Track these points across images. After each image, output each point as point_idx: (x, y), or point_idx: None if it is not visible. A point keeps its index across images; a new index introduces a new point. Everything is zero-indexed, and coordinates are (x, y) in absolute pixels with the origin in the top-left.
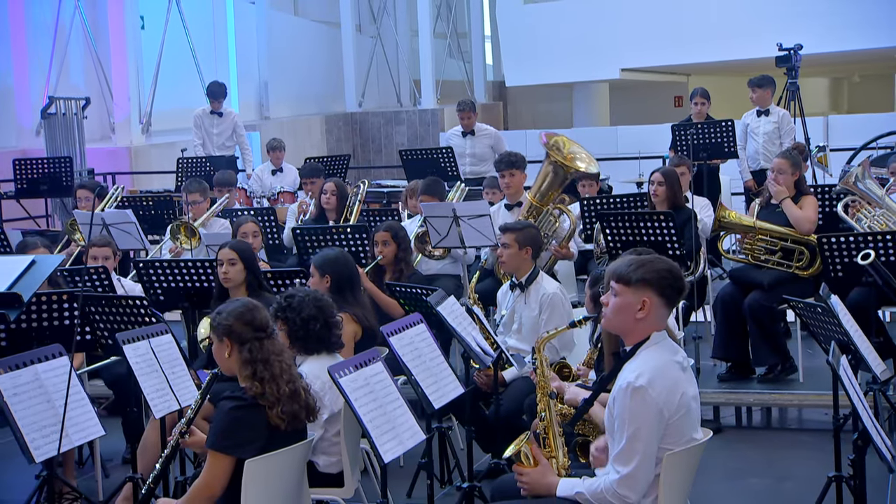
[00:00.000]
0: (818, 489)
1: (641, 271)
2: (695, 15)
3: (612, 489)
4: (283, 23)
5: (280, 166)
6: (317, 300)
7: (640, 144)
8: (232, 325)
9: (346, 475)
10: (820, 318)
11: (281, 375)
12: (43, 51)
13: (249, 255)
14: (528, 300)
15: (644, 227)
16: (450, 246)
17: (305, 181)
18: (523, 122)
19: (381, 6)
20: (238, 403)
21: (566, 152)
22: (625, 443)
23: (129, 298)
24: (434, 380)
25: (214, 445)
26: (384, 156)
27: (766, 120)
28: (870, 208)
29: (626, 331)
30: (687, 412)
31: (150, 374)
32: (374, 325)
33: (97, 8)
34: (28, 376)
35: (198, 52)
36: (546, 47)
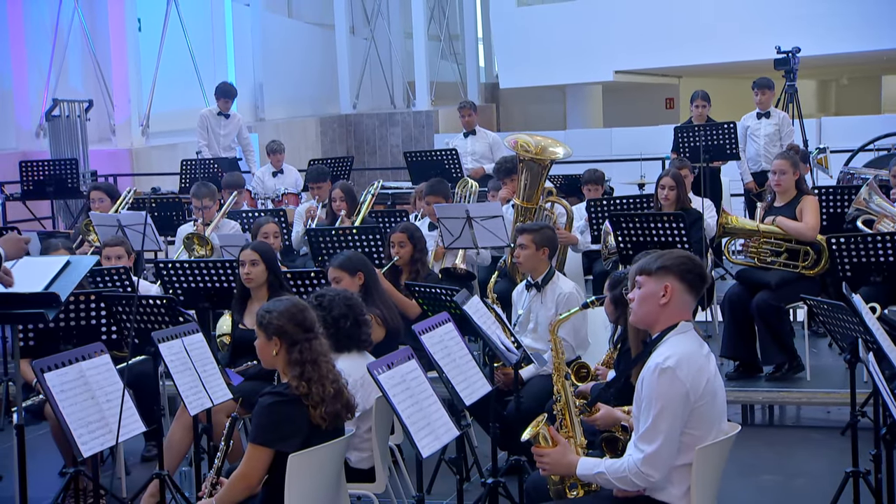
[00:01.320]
0: (830, 485)
1: (661, 260)
2: (687, 17)
3: (636, 468)
4: (278, 25)
5: (280, 168)
6: (347, 299)
7: (634, 146)
8: (284, 326)
9: (378, 471)
10: (837, 317)
11: (327, 376)
12: (42, 53)
13: (271, 255)
14: (545, 300)
15: (655, 229)
16: (462, 247)
17: (312, 185)
18: (515, 123)
19: (374, 8)
20: (279, 399)
21: (534, 148)
22: (650, 422)
23: (157, 298)
24: (464, 377)
25: (256, 439)
26: (378, 157)
27: (767, 122)
28: (889, 222)
29: (653, 320)
30: (713, 399)
31: (183, 371)
32: (398, 325)
33: (95, 11)
34: (73, 374)
35: (196, 55)
36: (540, 49)
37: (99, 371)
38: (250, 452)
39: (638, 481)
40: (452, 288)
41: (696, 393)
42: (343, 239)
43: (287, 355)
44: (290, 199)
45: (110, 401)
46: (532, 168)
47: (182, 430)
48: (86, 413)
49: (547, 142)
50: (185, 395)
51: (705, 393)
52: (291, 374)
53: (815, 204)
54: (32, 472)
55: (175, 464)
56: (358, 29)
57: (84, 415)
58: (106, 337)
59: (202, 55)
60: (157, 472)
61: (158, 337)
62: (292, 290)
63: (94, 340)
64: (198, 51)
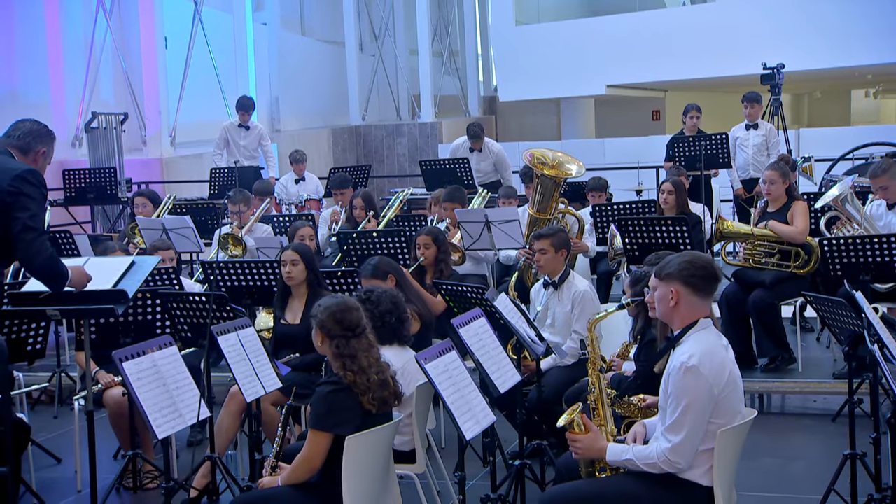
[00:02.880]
0: (825, 467)
1: (667, 268)
2: (674, 35)
3: (664, 456)
4: (292, 42)
5: (302, 176)
6: (393, 297)
7: (625, 155)
8: (325, 322)
9: (418, 453)
10: (837, 312)
11: (370, 367)
12: (77, 69)
13: (310, 256)
14: (562, 297)
15: (659, 232)
16: (481, 248)
17: (335, 191)
18: (512, 134)
19: (381, 27)
20: (334, 388)
21: (551, 162)
22: (677, 415)
23: (209, 295)
24: (497, 367)
25: (316, 425)
26: (386, 166)
27: (756, 133)
28: (850, 227)
29: (669, 318)
30: (734, 388)
31: (239, 362)
32: (431, 319)
33: (126, 30)
34: (147, 363)
35: (219, 70)
36: (536, 65)
37: (169, 361)
38: (311, 437)
39: (666, 467)
40: (478, 286)
41: (719, 386)
42: (368, 241)
43: (329, 349)
44: (313, 205)
45: (179, 388)
46: (547, 183)
47: (230, 416)
48: (159, 399)
49: (564, 158)
50: (242, 383)
51: (727, 384)
52: (336, 365)
53: (805, 209)
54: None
55: (224, 447)
56: (366, 46)
57: (157, 400)
58: (160, 331)
59: (225, 71)
60: (209, 455)
61: (217, 330)
62: (328, 288)
63: (149, 335)
64: (221, 67)
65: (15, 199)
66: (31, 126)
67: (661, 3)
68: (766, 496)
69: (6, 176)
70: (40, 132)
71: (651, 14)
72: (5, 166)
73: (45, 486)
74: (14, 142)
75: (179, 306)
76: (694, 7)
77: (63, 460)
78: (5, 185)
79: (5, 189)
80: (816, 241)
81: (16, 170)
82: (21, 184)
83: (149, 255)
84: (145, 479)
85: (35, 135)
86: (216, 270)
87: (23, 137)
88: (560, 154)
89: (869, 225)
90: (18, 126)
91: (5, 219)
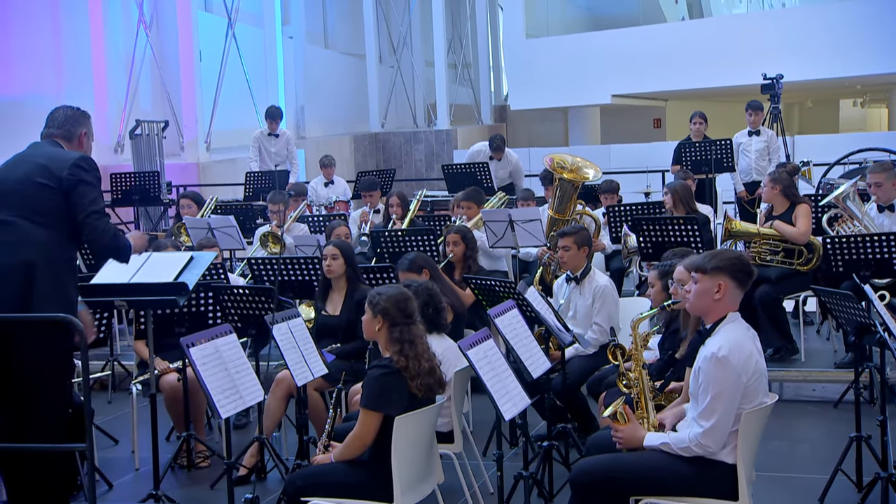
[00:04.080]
0: (830, 449)
1: (715, 260)
2: (675, 48)
3: (697, 440)
4: (316, 55)
5: (331, 179)
6: (429, 290)
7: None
8: (389, 309)
9: (456, 433)
10: (845, 304)
11: (423, 354)
12: (119, 80)
13: (349, 252)
14: (583, 291)
15: (672, 231)
16: (504, 246)
17: (364, 193)
18: (521, 141)
19: (400, 40)
20: (385, 371)
21: (570, 167)
22: (708, 402)
23: (259, 289)
24: (529, 354)
25: (368, 405)
26: (404, 170)
27: (757, 139)
28: (850, 224)
29: (707, 311)
30: (760, 376)
31: (290, 349)
32: (464, 310)
33: (164, 44)
34: (210, 349)
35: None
36: (545, 76)
37: (229, 347)
38: (363, 417)
39: (698, 451)
40: (505, 280)
41: (747, 374)
42: (397, 239)
43: (388, 333)
44: (341, 206)
45: (239, 372)
46: (565, 186)
47: (276, 400)
48: (221, 382)
49: (583, 163)
50: (293, 369)
51: (754, 372)
52: (392, 350)
53: (808, 211)
54: (143, 437)
55: (270, 429)
56: (385, 58)
57: (220, 383)
58: (211, 322)
59: (256, 81)
60: (257, 436)
61: (270, 320)
62: (366, 282)
63: (202, 325)
64: (252, 77)
65: (74, 187)
66: (65, 113)
67: (661, 18)
68: (778, 475)
69: (63, 165)
70: (76, 116)
71: (652, 28)
72: (60, 156)
73: (105, 465)
74: (56, 131)
75: (230, 299)
76: (692, 22)
77: (119, 441)
78: (64, 174)
79: (65, 178)
80: (819, 240)
81: (70, 158)
82: (78, 171)
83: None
84: (197, 458)
85: (73, 120)
86: (261, 266)
87: (63, 126)
88: (578, 159)
89: (869, 222)
90: (54, 116)
91: (69, 204)
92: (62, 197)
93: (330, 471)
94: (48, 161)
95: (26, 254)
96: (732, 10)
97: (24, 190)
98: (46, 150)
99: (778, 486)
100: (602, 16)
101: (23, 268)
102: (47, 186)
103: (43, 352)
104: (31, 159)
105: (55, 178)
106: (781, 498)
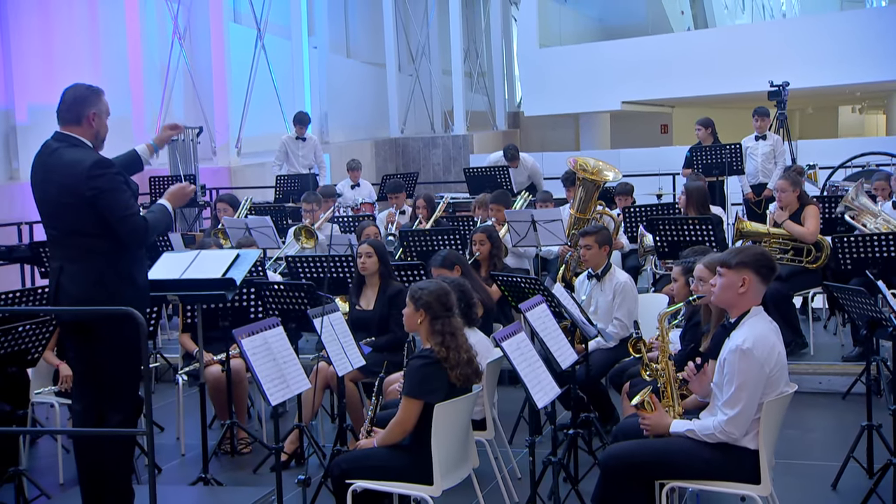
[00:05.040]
0: (839, 437)
1: (740, 256)
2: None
3: (721, 427)
4: (339, 64)
5: (357, 182)
6: (461, 285)
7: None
8: (431, 303)
9: (489, 421)
10: (856, 300)
11: (462, 345)
12: (154, 88)
13: (382, 250)
14: (604, 288)
15: (687, 230)
16: (527, 245)
17: (390, 196)
18: (534, 146)
19: (418, 50)
20: (426, 361)
21: (592, 169)
22: (733, 391)
23: (297, 285)
24: (558, 346)
25: (410, 393)
26: (423, 174)
27: (764, 143)
28: (868, 216)
29: (731, 305)
30: (782, 367)
31: (331, 341)
32: (492, 305)
33: (197, 54)
34: (259, 341)
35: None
36: (558, 83)
37: (276, 339)
38: (405, 404)
39: (723, 437)
40: (531, 277)
41: (770, 366)
42: (424, 238)
43: (430, 326)
44: (367, 208)
45: (286, 362)
46: (588, 186)
47: (315, 390)
48: (270, 371)
49: (604, 165)
50: (334, 360)
51: (776, 364)
52: (434, 342)
53: (816, 212)
54: (190, 424)
55: (309, 417)
56: (404, 67)
57: (269, 373)
58: (253, 316)
59: (283, 89)
60: (297, 424)
61: (313, 314)
62: (397, 279)
63: (244, 320)
64: (280, 86)
65: (96, 202)
66: (72, 94)
67: (668, 29)
68: (792, 462)
69: (79, 181)
70: (83, 96)
71: (659, 38)
72: (73, 169)
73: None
74: (66, 117)
75: (271, 294)
76: (697, 32)
77: (165, 429)
78: (84, 189)
79: (87, 196)
80: (828, 240)
81: (83, 170)
82: (93, 182)
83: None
84: (240, 444)
85: (80, 101)
86: (298, 263)
87: (70, 109)
88: (600, 162)
89: (888, 217)
90: (64, 99)
91: (97, 212)
92: (94, 209)
93: (372, 455)
94: (66, 178)
95: (90, 261)
96: (735, 20)
97: (63, 214)
98: (61, 160)
99: (792, 472)
100: (612, 26)
101: (95, 273)
102: (78, 205)
103: (117, 343)
104: (53, 177)
105: (78, 195)
106: (796, 483)
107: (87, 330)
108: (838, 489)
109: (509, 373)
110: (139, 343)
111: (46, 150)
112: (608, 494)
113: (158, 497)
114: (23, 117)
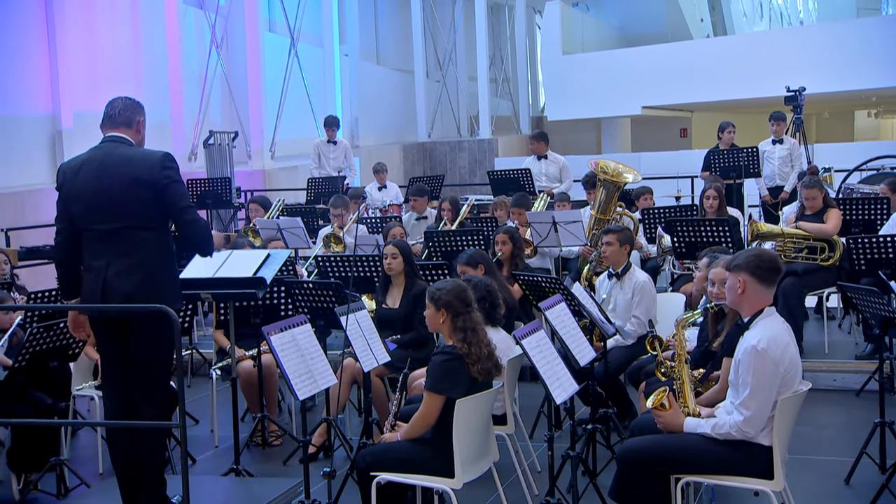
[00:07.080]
0: (852, 434)
1: (736, 259)
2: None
3: (737, 426)
4: (369, 71)
5: (384, 184)
6: (487, 285)
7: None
8: (451, 301)
9: (509, 415)
10: (870, 299)
11: (483, 340)
12: (192, 94)
13: (408, 250)
14: (623, 287)
15: (704, 231)
16: (548, 246)
17: (412, 198)
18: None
19: (445, 57)
20: (448, 357)
21: (612, 171)
22: (749, 392)
23: (326, 284)
24: (577, 344)
25: (433, 388)
26: (449, 177)
27: (781, 147)
28: None
29: (737, 305)
30: (796, 366)
31: (357, 338)
32: (514, 303)
33: (233, 62)
34: (288, 337)
35: (311, 94)
36: (580, 89)
37: (304, 336)
38: (427, 399)
39: (738, 436)
40: (551, 277)
41: (784, 365)
42: (449, 238)
43: (452, 323)
44: (394, 209)
45: (313, 358)
46: (608, 187)
47: (342, 385)
48: (298, 367)
49: (623, 168)
50: (360, 356)
51: (790, 364)
52: (456, 338)
53: (839, 215)
54: (223, 417)
55: (336, 411)
56: (432, 73)
57: (297, 368)
58: (283, 313)
59: (316, 95)
60: (325, 418)
61: (340, 312)
62: (423, 278)
63: (274, 317)
64: (312, 92)
65: (166, 187)
66: (123, 102)
67: (688, 36)
68: (805, 458)
69: (153, 169)
70: (134, 105)
71: (679, 45)
72: (144, 161)
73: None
74: (119, 121)
75: (300, 292)
76: (716, 39)
77: (199, 421)
78: (158, 176)
79: (160, 182)
80: (842, 240)
81: (155, 160)
82: (168, 172)
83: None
84: (270, 437)
85: (131, 108)
86: (326, 262)
87: (123, 113)
88: (620, 164)
89: None
90: (113, 106)
91: (162, 201)
92: (159, 199)
93: (396, 448)
94: (139, 170)
95: (145, 256)
96: (754, 27)
97: (128, 206)
98: (127, 156)
99: (805, 467)
100: (632, 34)
101: (145, 268)
102: (148, 197)
103: (156, 338)
104: (121, 171)
105: (150, 184)
106: (809, 478)
107: (125, 325)
108: (851, 484)
109: (530, 368)
110: (173, 339)
111: (101, 150)
112: (625, 488)
113: (191, 487)
114: (68, 123)
